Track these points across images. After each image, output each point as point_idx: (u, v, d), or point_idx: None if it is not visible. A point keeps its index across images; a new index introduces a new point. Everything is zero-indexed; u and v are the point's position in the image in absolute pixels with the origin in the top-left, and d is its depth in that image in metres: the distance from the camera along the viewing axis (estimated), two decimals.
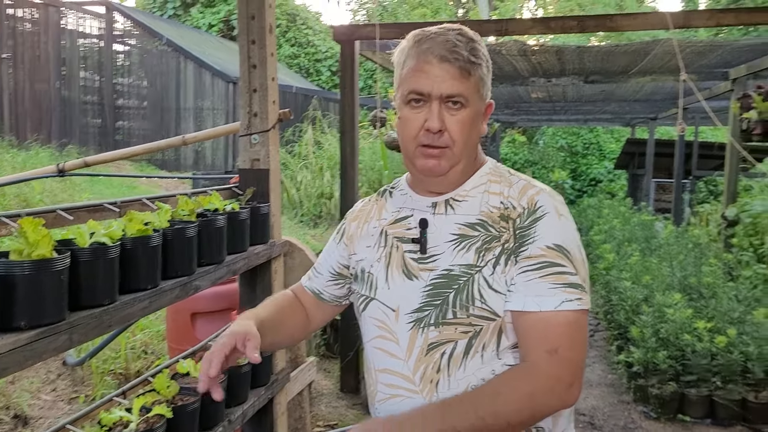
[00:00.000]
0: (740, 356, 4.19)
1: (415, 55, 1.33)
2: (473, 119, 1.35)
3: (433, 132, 1.32)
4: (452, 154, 1.34)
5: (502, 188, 1.39)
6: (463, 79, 1.31)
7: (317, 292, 1.63)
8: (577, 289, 1.27)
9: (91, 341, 4.28)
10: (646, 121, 12.91)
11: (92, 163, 3.27)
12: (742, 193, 9.82)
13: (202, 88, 13.24)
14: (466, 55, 1.31)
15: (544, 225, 1.31)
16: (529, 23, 4.14)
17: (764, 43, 5.02)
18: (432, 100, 1.31)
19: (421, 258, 1.38)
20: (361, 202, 1.63)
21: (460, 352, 1.31)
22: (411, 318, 1.35)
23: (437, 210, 1.40)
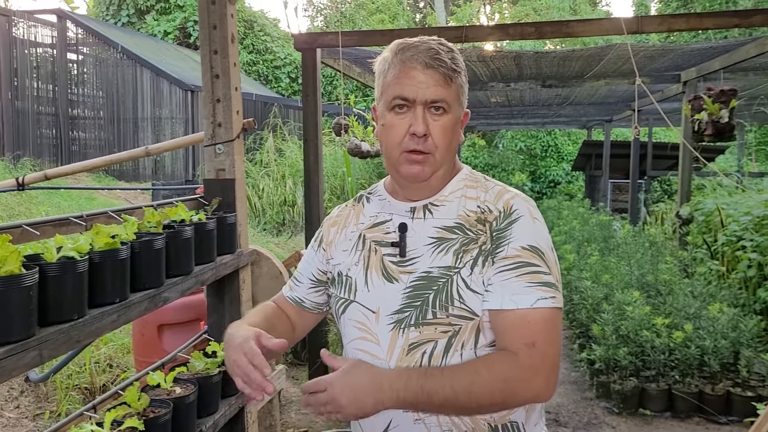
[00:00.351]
0: (697, 350, 4.33)
1: (399, 63, 1.37)
2: (454, 125, 1.40)
3: (419, 136, 1.36)
4: (434, 159, 1.39)
5: (478, 193, 1.44)
6: (446, 85, 1.36)
7: (299, 301, 1.65)
8: (551, 288, 1.32)
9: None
10: (601, 123, 13.19)
11: (53, 176, 3.23)
12: (695, 191, 10.11)
13: (160, 97, 13.09)
14: (449, 62, 1.36)
15: (520, 227, 1.36)
16: (488, 30, 4.22)
17: (712, 47, 5.20)
18: (416, 105, 1.36)
19: (400, 261, 1.42)
20: (338, 208, 1.65)
21: (440, 351, 1.35)
22: (391, 319, 1.38)
23: (416, 214, 1.45)
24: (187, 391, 2.38)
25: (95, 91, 13.70)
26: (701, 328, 4.50)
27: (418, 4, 32.75)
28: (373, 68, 1.48)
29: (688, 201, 6.62)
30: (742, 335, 4.45)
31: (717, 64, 5.55)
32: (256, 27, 19.37)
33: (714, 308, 4.55)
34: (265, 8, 44.97)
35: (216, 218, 2.65)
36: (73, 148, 13.43)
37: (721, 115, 4.65)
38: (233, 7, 2.90)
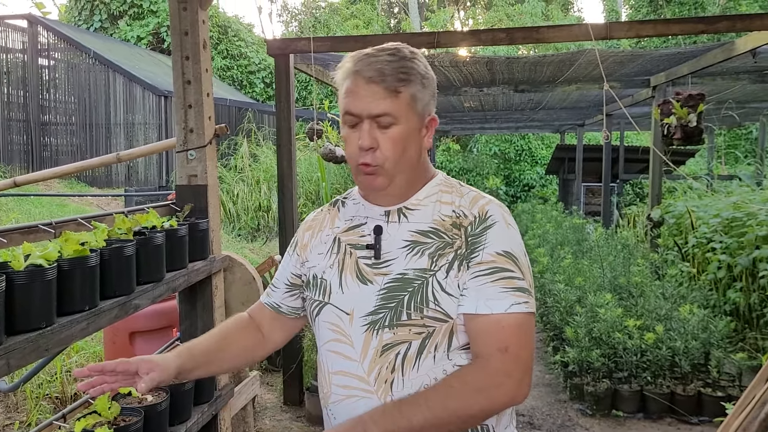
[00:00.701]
0: (668, 351, 4.39)
1: (347, 78, 1.39)
2: (406, 136, 1.40)
3: (365, 150, 1.38)
4: (385, 170, 1.40)
5: (453, 198, 1.47)
6: (391, 98, 1.36)
7: (276, 306, 1.65)
8: (524, 293, 1.36)
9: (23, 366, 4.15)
10: (574, 127, 13.33)
11: (22, 183, 3.19)
12: (667, 194, 10.26)
13: (133, 103, 12.98)
14: (393, 75, 1.36)
15: (494, 233, 1.39)
16: (460, 35, 4.25)
17: (680, 52, 5.28)
18: (363, 120, 1.38)
19: (375, 263, 1.43)
20: (314, 212, 1.67)
21: (414, 353, 1.36)
22: (365, 321, 1.40)
23: (390, 218, 1.47)
24: (158, 399, 2.36)
25: (67, 97, 13.54)
26: (672, 329, 4.56)
27: (392, 9, 32.87)
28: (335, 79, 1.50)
29: (659, 204, 6.71)
30: (712, 336, 4.52)
31: (685, 69, 5.65)
32: (231, 32, 19.29)
33: (684, 309, 4.61)
34: (239, 13, 44.84)
35: (188, 224, 2.64)
36: (45, 154, 13.26)
37: (689, 119, 4.72)
38: (205, 13, 2.90)
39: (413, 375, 1.37)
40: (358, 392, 1.41)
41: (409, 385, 1.37)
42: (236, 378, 3.33)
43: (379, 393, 1.38)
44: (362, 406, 1.39)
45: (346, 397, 1.43)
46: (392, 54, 1.39)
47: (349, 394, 1.42)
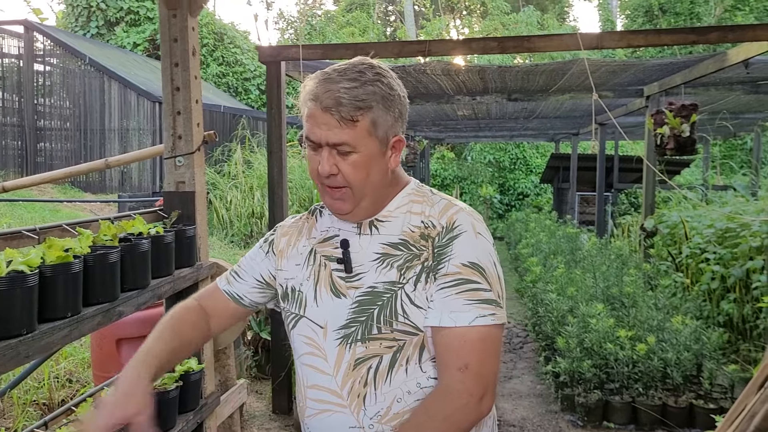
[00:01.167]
0: (660, 363, 4.37)
1: (308, 101, 1.36)
2: (367, 161, 1.37)
3: (325, 177, 1.37)
4: (352, 194, 1.39)
5: (423, 208, 1.44)
6: (347, 127, 1.33)
7: (238, 297, 1.62)
8: (491, 305, 1.33)
9: (11, 371, 4.12)
10: (568, 136, 13.36)
11: (10, 188, 3.17)
12: (661, 204, 10.28)
13: (128, 109, 12.96)
14: (350, 104, 1.32)
15: (461, 243, 1.37)
16: (452, 44, 4.26)
17: (673, 62, 5.30)
18: (323, 147, 1.36)
19: (347, 276, 1.42)
20: (292, 218, 1.65)
21: (386, 366, 1.36)
22: (339, 334, 1.39)
23: (362, 230, 1.45)
24: None
25: (62, 102, 13.53)
26: (664, 340, 4.54)
27: (388, 18, 32.98)
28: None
29: (652, 214, 6.71)
30: (704, 347, 4.51)
31: (678, 79, 5.66)
32: (226, 39, 19.31)
33: (677, 320, 4.60)
34: (235, 20, 44.95)
35: (174, 231, 2.62)
36: (39, 159, 13.23)
37: (682, 130, 4.73)
38: (195, 20, 2.89)
39: (386, 389, 1.36)
40: (331, 406, 1.40)
41: (382, 399, 1.36)
42: (223, 386, 3.30)
43: (352, 407, 1.38)
44: (336, 421, 1.39)
45: (320, 411, 1.42)
46: (352, 80, 1.34)
47: (323, 408, 1.41)
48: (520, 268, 9.19)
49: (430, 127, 11.53)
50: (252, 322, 5.02)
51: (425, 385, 1.37)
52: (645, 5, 21.67)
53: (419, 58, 4.92)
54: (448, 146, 19.48)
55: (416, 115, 9.15)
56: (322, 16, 26.65)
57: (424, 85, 6.27)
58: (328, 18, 26.45)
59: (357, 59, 1.42)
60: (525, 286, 7.06)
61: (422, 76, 5.72)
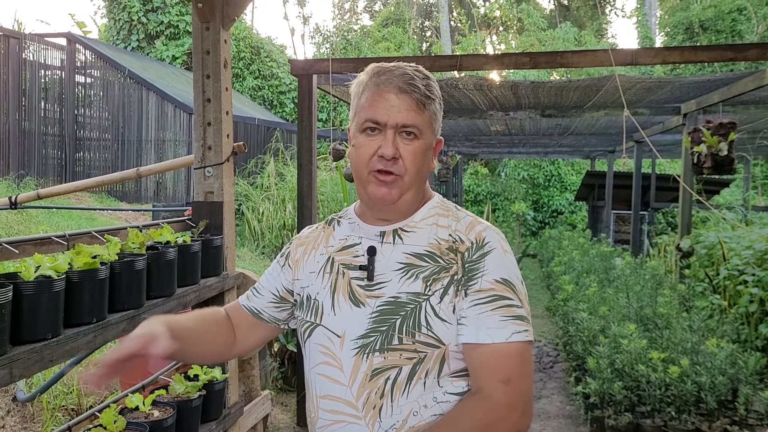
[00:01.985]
0: (693, 386, 4.26)
1: (373, 86, 1.38)
2: (425, 151, 1.40)
3: (387, 159, 1.36)
4: (403, 183, 1.39)
5: (449, 222, 1.44)
6: (419, 111, 1.37)
7: (257, 312, 1.61)
8: (523, 322, 1.34)
9: (43, 376, 4.18)
10: (604, 153, 13.19)
11: (45, 195, 3.23)
12: (699, 224, 10.08)
13: (164, 120, 13.18)
14: (423, 89, 1.37)
15: (492, 260, 1.37)
16: (484, 59, 4.24)
17: (710, 80, 5.20)
18: (387, 128, 1.36)
19: (368, 285, 1.40)
20: (308, 228, 1.64)
21: (404, 378, 1.33)
22: (356, 344, 1.37)
23: (385, 239, 1.44)
24: (164, 415, 2.35)
25: (101, 113, 13.81)
26: (699, 363, 4.43)
27: (424, 33, 33.09)
28: (350, 90, 1.48)
29: (689, 233, 6.58)
30: (740, 372, 4.38)
31: (716, 97, 5.55)
32: (263, 53, 19.56)
33: (712, 343, 4.48)
34: (272, 35, 45.57)
35: (202, 240, 2.64)
36: (77, 168, 13.51)
37: (720, 148, 4.64)
38: (227, 33, 2.93)
39: (402, 401, 1.34)
40: (346, 417, 1.37)
41: (398, 411, 1.33)
42: (247, 397, 3.30)
43: (367, 419, 1.35)
44: None
45: (333, 423, 1.39)
46: (417, 70, 1.40)
47: (336, 419, 1.38)
48: (552, 286, 9.08)
49: (463, 142, 11.50)
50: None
51: (441, 400, 1.35)
52: (685, 23, 21.40)
53: (453, 72, 4.92)
54: (482, 162, 19.40)
55: (449, 129, 9.14)
56: (358, 31, 26.85)
57: (456, 100, 6.26)
58: (364, 33, 26.63)
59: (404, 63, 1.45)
60: (556, 304, 6.97)
61: (454, 90, 5.71)
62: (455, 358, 1.35)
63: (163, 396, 2.52)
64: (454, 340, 1.35)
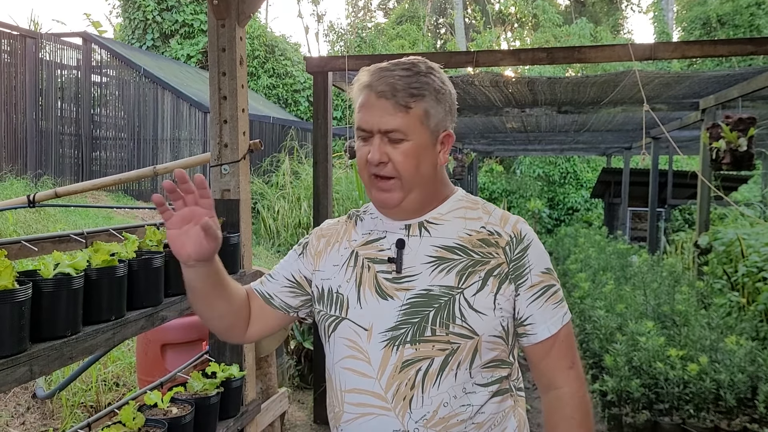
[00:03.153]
0: (712, 384, 4.22)
1: (359, 92, 1.40)
2: (418, 151, 1.38)
3: (374, 164, 1.37)
4: (401, 184, 1.38)
5: (479, 214, 1.46)
6: (400, 113, 1.35)
7: (268, 296, 1.58)
8: (564, 301, 1.47)
9: (62, 373, 4.22)
10: (621, 150, 13.09)
11: (62, 194, 3.25)
12: (717, 221, 9.98)
13: (180, 119, 13.24)
14: (405, 90, 1.35)
15: (534, 253, 1.43)
16: (500, 55, 4.22)
17: (730, 74, 5.14)
18: (374, 134, 1.37)
19: (395, 278, 1.40)
20: (328, 222, 1.63)
21: (436, 369, 1.34)
22: (385, 336, 1.36)
23: (411, 232, 1.44)
24: (183, 412, 2.35)
25: (117, 112, 13.90)
26: (717, 361, 4.39)
27: (438, 30, 33.02)
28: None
29: (707, 230, 6.52)
30: (760, 369, 4.33)
31: (735, 92, 5.49)
32: (277, 51, 19.60)
33: (731, 340, 4.44)
34: (287, 33, 45.67)
35: None
36: (94, 167, 13.61)
37: (739, 144, 4.59)
38: (243, 30, 2.93)
39: (433, 392, 1.34)
40: (374, 410, 1.37)
41: (429, 402, 1.34)
42: (264, 394, 3.31)
43: (397, 410, 1.35)
44: (378, 425, 1.36)
45: (360, 416, 1.38)
46: (406, 69, 1.37)
47: (363, 412, 1.38)
48: (568, 284, 9.02)
49: (479, 139, 11.45)
50: (295, 332, 5.04)
51: (469, 391, 1.36)
52: (702, 17, 21.18)
53: (468, 69, 4.90)
54: (497, 159, 19.33)
55: (464, 127, 9.11)
56: (373, 29, 26.83)
57: (472, 97, 6.23)
58: (378, 30, 26.62)
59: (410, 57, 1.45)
60: (573, 302, 6.92)
61: (470, 87, 5.69)
62: (487, 348, 1.37)
63: (181, 393, 2.53)
64: (489, 331, 1.37)
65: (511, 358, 1.46)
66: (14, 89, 11.77)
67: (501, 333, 1.39)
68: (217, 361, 2.77)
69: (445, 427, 1.34)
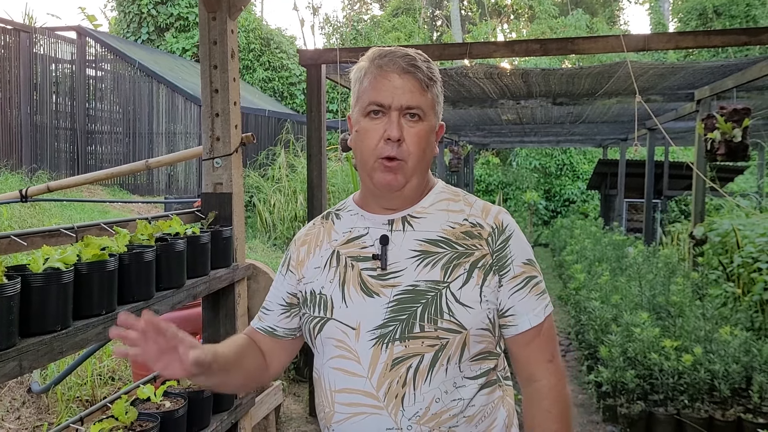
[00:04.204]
0: (707, 374, 4.23)
1: (375, 69, 1.37)
2: (429, 134, 1.39)
3: (393, 140, 1.34)
4: (407, 167, 1.37)
5: (461, 206, 1.45)
6: (423, 92, 1.36)
7: (270, 330, 1.56)
8: (546, 293, 1.45)
9: (57, 367, 4.22)
10: (617, 141, 13.09)
11: (55, 188, 3.24)
12: (712, 212, 9.98)
13: (175, 113, 13.21)
14: (426, 70, 1.37)
15: (515, 243, 1.42)
16: (494, 46, 4.20)
17: (724, 65, 5.14)
18: (392, 110, 1.35)
19: (381, 275, 1.38)
20: (305, 227, 1.61)
21: (426, 366, 1.33)
22: (374, 335, 1.34)
23: (395, 227, 1.42)
24: (176, 406, 2.36)
25: (112, 106, 13.85)
26: (712, 351, 4.40)
27: (434, 22, 32.93)
28: (350, 76, 1.46)
29: (702, 221, 6.52)
30: (755, 360, 4.34)
31: (730, 83, 5.48)
32: (273, 44, 19.54)
33: (725, 331, 4.45)
34: (282, 26, 45.51)
35: (211, 232, 2.64)
36: (89, 162, 13.57)
37: (734, 135, 4.59)
38: (234, 23, 2.91)
39: (425, 389, 1.33)
40: (366, 409, 1.35)
41: (421, 399, 1.32)
42: (259, 387, 3.31)
43: (389, 408, 1.33)
44: (371, 423, 1.34)
45: (352, 415, 1.36)
46: (417, 52, 1.40)
47: (355, 411, 1.36)
48: (564, 275, 9.04)
49: (474, 132, 11.44)
50: None
51: (459, 385, 1.35)
52: (698, 8, 21.14)
53: (464, 62, 4.89)
54: (493, 151, 19.32)
55: (459, 119, 9.09)
56: (368, 21, 26.75)
57: (466, 89, 6.22)
58: (374, 23, 26.54)
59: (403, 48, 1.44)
60: (568, 293, 6.93)
61: (464, 79, 5.68)
62: (475, 341, 1.36)
63: (174, 387, 2.53)
64: (477, 325, 1.35)
65: (498, 349, 1.45)
66: (8, 83, 11.73)
67: (488, 325, 1.38)
68: None
69: (438, 422, 1.33)
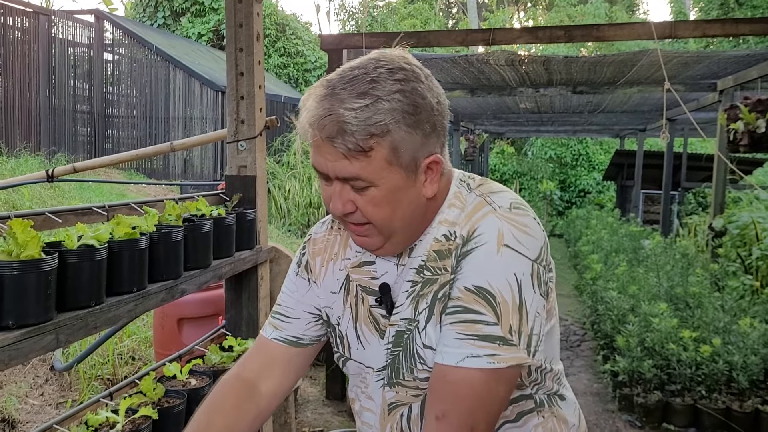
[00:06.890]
0: (725, 365, 4.22)
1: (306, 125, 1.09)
2: (390, 196, 1.10)
3: (338, 215, 1.15)
4: (377, 230, 1.14)
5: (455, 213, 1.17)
6: (360, 159, 1.05)
7: (295, 340, 1.36)
8: (491, 344, 1.04)
9: (79, 346, 4.27)
10: (635, 132, 13.00)
11: (81, 169, 3.26)
12: (731, 204, 9.91)
13: (191, 97, 13.25)
14: (361, 130, 1.03)
15: (473, 261, 1.09)
16: (517, 33, 4.18)
17: (749, 54, 5.09)
18: (333, 180, 1.11)
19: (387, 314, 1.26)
20: (321, 230, 1.40)
21: (417, 415, 1.21)
22: (380, 376, 1.26)
23: (401, 261, 1.22)
24: (201, 383, 2.38)
25: (129, 90, 13.92)
26: (731, 343, 4.39)
27: (450, 9, 32.75)
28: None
29: (721, 213, 6.48)
30: None
31: (754, 73, 5.43)
32: (288, 30, 19.52)
33: (744, 323, 4.43)
34: (297, 12, 45.41)
35: (236, 214, 2.66)
36: (107, 145, 13.67)
37: (757, 125, 4.55)
38: (259, 5, 2.92)
39: None
40: None
41: None
42: None
43: None
44: None
45: None
46: (362, 94, 1.04)
47: None
48: (579, 266, 9.02)
49: (491, 120, 11.40)
50: None
51: None
52: None
53: (479, 49, 4.86)
54: (509, 141, 19.24)
55: (477, 107, 9.06)
56: (384, 8, 26.64)
57: (486, 76, 6.19)
58: (390, 9, 26.43)
59: (375, 54, 1.12)
60: (584, 283, 6.92)
61: (485, 66, 5.65)
62: None
63: (199, 365, 2.56)
64: None
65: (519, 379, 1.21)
66: (27, 67, 11.81)
67: None
68: (234, 335, 2.79)
69: None
